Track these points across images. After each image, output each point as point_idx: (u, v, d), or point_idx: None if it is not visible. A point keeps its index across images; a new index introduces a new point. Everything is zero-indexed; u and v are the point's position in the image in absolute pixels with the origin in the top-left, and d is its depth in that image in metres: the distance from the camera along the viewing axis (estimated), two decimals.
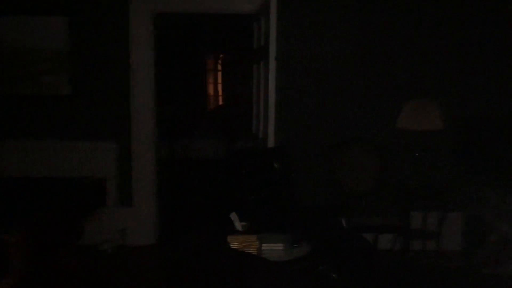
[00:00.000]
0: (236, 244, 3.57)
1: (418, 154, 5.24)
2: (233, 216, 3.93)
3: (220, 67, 12.26)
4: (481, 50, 5.51)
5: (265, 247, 3.59)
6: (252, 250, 3.56)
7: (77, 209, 4.04)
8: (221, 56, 12.15)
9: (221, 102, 12.34)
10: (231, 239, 3.61)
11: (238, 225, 3.89)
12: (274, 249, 3.60)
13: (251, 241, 3.59)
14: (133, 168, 5.66)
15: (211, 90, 12.22)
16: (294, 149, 5.22)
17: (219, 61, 12.23)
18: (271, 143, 5.03)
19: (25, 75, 5.52)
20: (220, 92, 12.32)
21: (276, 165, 4.46)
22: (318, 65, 5.51)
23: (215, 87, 12.29)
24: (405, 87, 5.50)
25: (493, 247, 4.91)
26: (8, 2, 5.46)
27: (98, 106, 5.59)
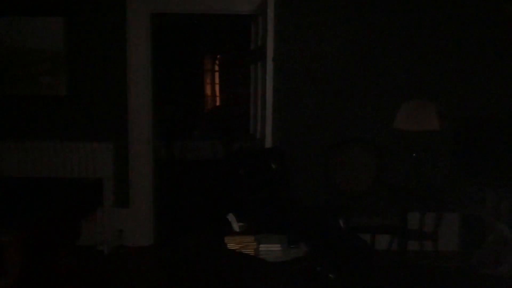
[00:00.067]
0: (234, 245, 3.57)
1: (415, 155, 5.25)
2: (230, 217, 3.92)
3: (217, 68, 12.25)
4: (478, 50, 5.52)
5: (263, 247, 3.59)
6: (250, 251, 3.56)
7: (74, 209, 4.04)
8: (218, 56, 12.14)
9: (218, 102, 12.33)
10: (228, 240, 3.60)
11: (236, 226, 3.88)
12: (271, 249, 3.60)
13: (248, 241, 3.59)
14: (130, 168, 5.65)
15: (208, 90, 12.21)
16: (291, 150, 5.22)
17: (217, 62, 12.21)
18: (268, 143, 5.03)
19: (22, 75, 5.52)
20: (218, 93, 12.30)
21: (274, 166, 4.45)
22: (315, 65, 5.51)
23: (213, 88, 12.27)
24: (403, 87, 5.50)
25: (491, 247, 4.91)
26: (5, 2, 5.45)
27: (96, 106, 5.59)
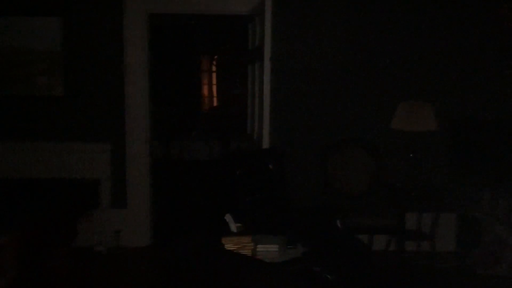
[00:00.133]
0: (231, 245, 3.57)
1: (412, 155, 5.26)
2: (228, 217, 3.92)
3: (215, 68, 12.24)
4: (476, 51, 5.52)
5: (260, 248, 3.59)
6: (247, 252, 3.56)
7: (71, 210, 4.03)
8: (216, 56, 12.14)
9: (216, 103, 12.32)
10: (226, 240, 3.60)
11: (233, 227, 3.88)
12: (269, 250, 3.60)
13: (246, 242, 3.59)
14: (127, 169, 5.64)
15: (205, 91, 12.21)
16: (289, 150, 5.21)
17: (214, 62, 12.21)
18: (266, 144, 5.03)
19: (19, 75, 5.50)
20: (215, 93, 12.30)
21: (271, 166, 4.46)
22: (313, 66, 5.51)
23: (210, 88, 12.27)
24: (400, 88, 5.50)
25: (487, 247, 4.92)
26: (2, 2, 5.43)
27: (92, 107, 5.57)
